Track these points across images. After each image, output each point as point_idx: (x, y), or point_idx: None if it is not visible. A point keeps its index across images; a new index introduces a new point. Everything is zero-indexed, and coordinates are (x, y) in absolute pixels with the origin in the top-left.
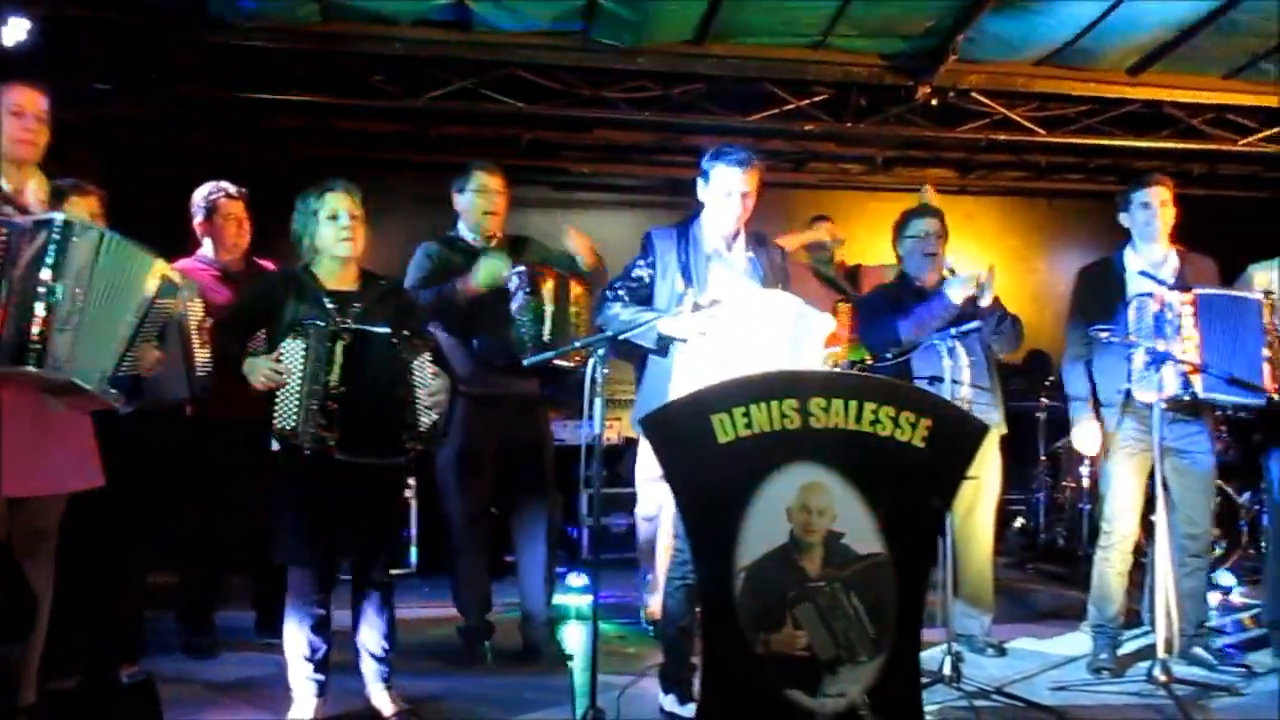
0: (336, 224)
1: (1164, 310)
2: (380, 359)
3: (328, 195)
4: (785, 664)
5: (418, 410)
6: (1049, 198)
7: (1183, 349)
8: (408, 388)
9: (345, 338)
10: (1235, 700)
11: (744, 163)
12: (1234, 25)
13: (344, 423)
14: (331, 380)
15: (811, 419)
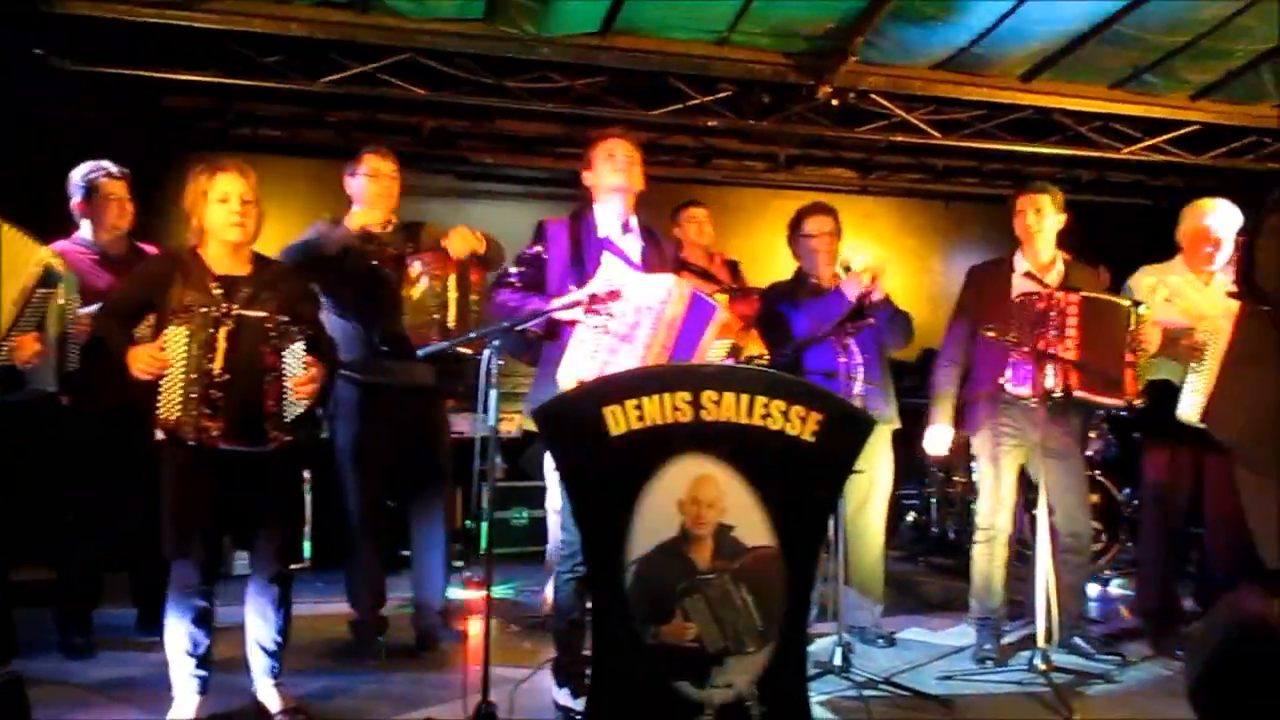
0: (227, 207)
1: (1049, 309)
2: (254, 346)
3: (219, 177)
4: (674, 655)
5: (284, 400)
6: (946, 200)
7: (1064, 348)
8: (278, 376)
9: (229, 323)
10: (1110, 687)
11: (623, 133)
12: (1119, 37)
13: (228, 411)
14: (215, 368)
15: (703, 412)
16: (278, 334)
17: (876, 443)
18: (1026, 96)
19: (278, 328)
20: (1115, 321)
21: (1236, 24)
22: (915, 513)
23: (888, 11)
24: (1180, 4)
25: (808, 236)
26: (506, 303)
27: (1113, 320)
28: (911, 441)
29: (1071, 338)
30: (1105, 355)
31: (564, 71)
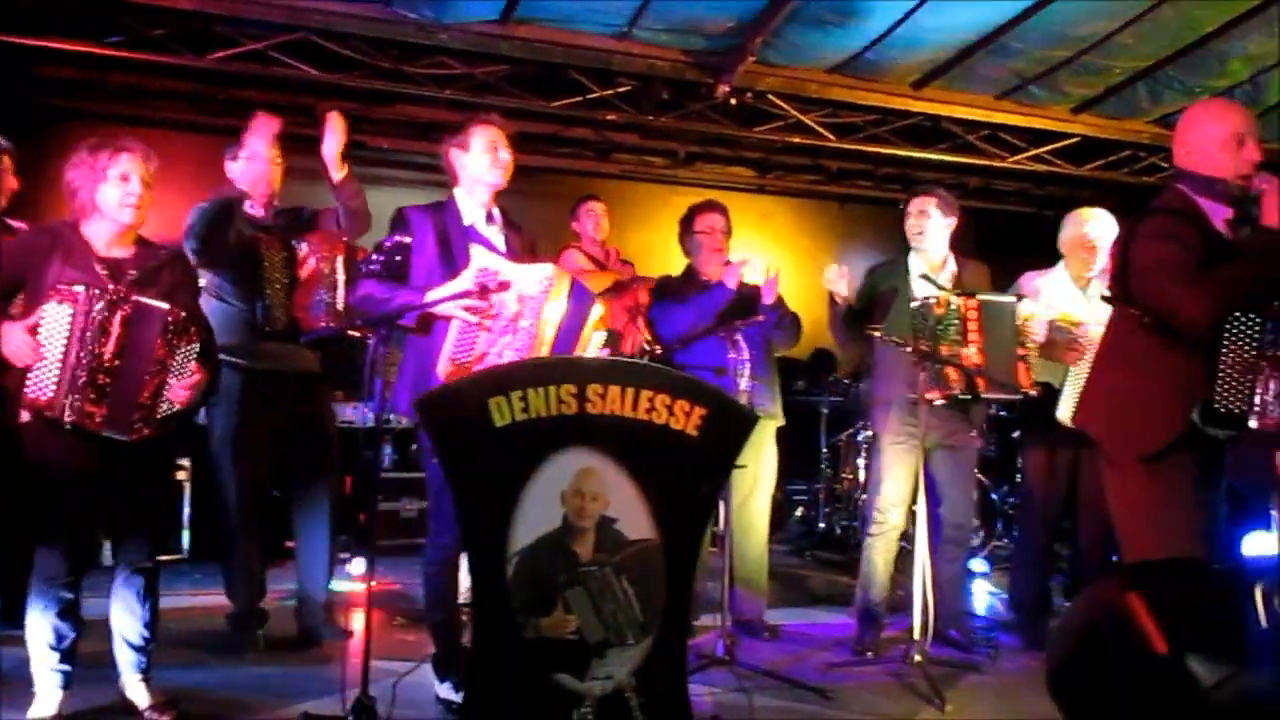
0: (126, 187)
1: (948, 314)
2: (149, 336)
3: (124, 156)
4: (554, 648)
5: (160, 397)
6: (840, 201)
7: (967, 350)
8: (163, 371)
9: (126, 308)
10: (982, 678)
11: (497, 120)
12: (1006, 50)
13: (113, 398)
14: (107, 353)
15: (588, 405)
16: (176, 329)
17: (761, 438)
18: (917, 104)
19: (178, 323)
20: (1006, 319)
21: (1115, 42)
22: (804, 508)
23: (786, 14)
24: (1062, 20)
25: (698, 233)
26: (373, 295)
27: (1004, 318)
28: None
29: (974, 341)
30: (1001, 352)
31: (463, 59)
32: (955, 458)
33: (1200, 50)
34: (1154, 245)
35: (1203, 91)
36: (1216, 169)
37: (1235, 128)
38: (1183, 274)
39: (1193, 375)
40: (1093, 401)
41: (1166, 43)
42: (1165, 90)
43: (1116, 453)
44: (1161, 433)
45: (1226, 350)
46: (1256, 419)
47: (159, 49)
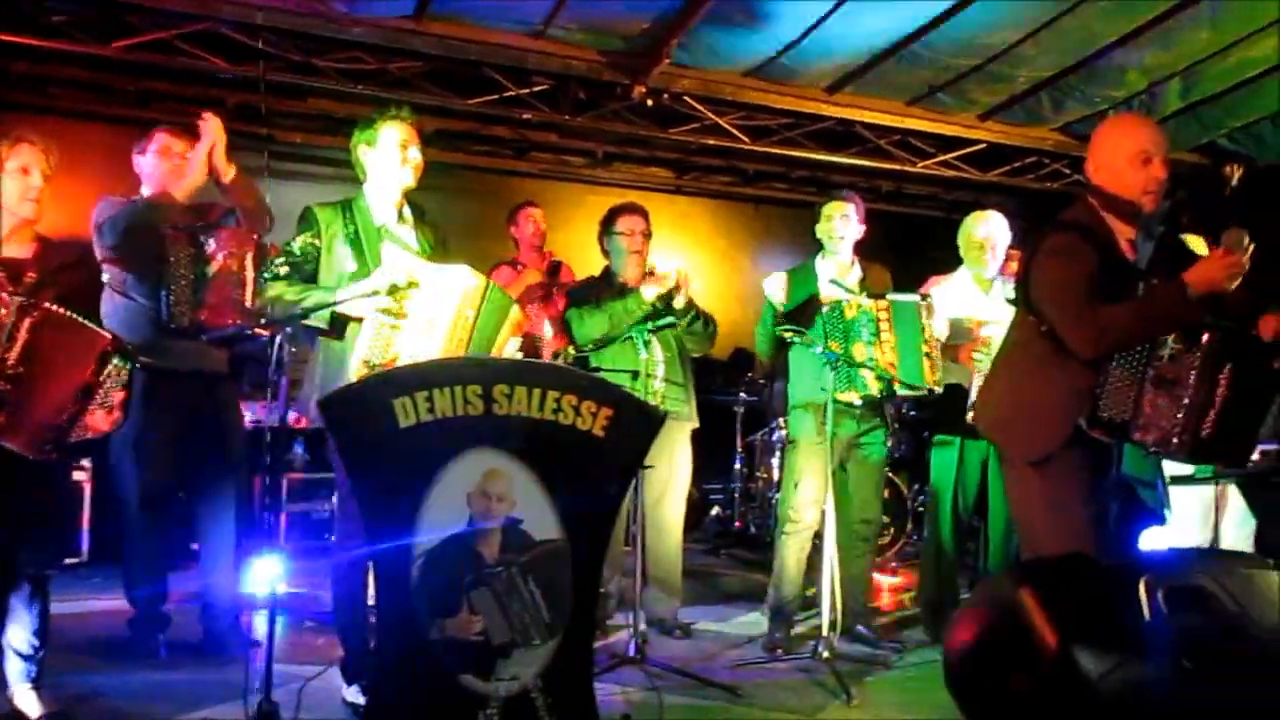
0: (27, 180)
1: (860, 316)
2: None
3: (23, 147)
4: (459, 649)
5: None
6: (756, 203)
7: (881, 351)
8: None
9: (36, 314)
10: (889, 673)
11: (407, 117)
12: (915, 58)
13: (14, 407)
14: (10, 357)
15: (495, 405)
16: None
17: (675, 440)
18: (830, 108)
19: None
20: (914, 318)
21: (1019, 52)
22: (719, 507)
23: (700, 17)
24: (968, 30)
25: (618, 235)
26: (283, 296)
27: (911, 318)
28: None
29: (888, 341)
30: (910, 351)
31: (376, 54)
32: (864, 458)
33: (1100, 61)
34: (1055, 264)
35: (1103, 101)
36: (1123, 186)
37: (1141, 145)
38: (1076, 303)
39: (1082, 384)
40: (989, 402)
41: (1068, 54)
42: (1067, 99)
43: (1011, 452)
44: (1051, 435)
45: (1116, 365)
46: (1139, 431)
47: (61, 36)
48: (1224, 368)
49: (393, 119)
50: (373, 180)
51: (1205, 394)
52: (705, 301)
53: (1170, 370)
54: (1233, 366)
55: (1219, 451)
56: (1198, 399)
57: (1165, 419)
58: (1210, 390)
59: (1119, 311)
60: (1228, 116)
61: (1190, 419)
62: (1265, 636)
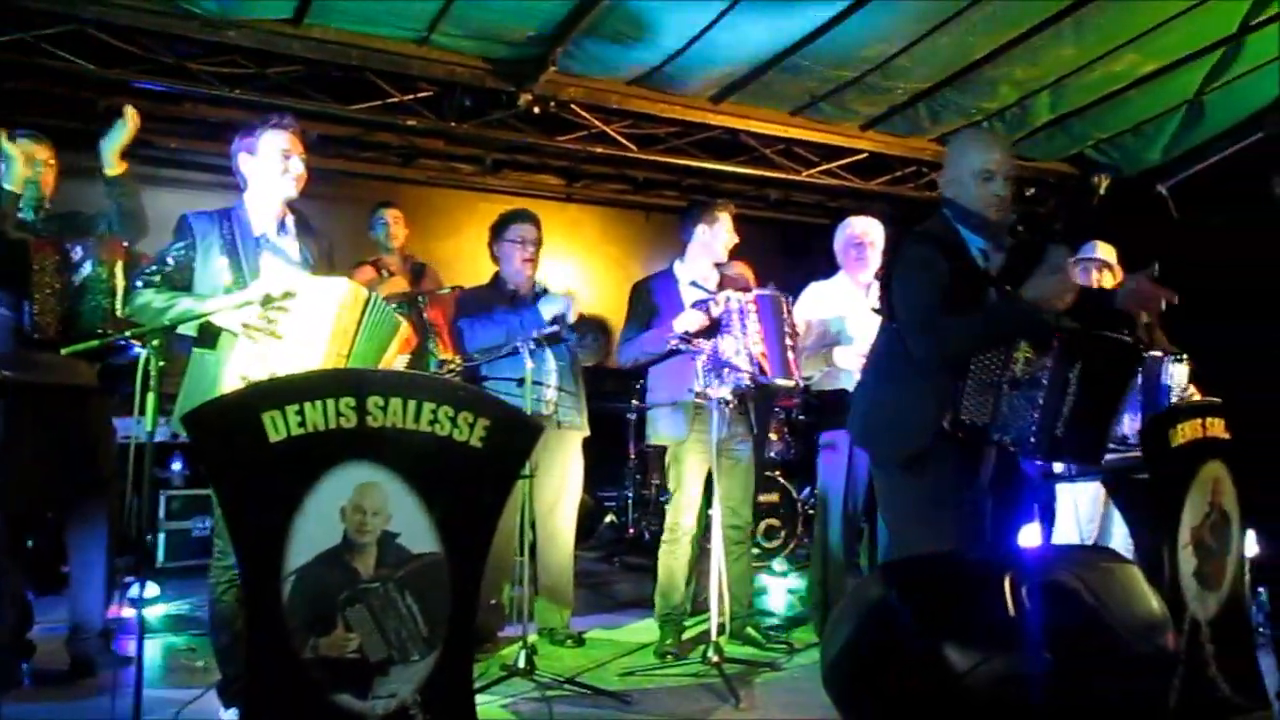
0: None
1: (728, 311)
2: None
3: None
4: (335, 668)
5: None
6: (646, 211)
7: (750, 343)
8: None
9: None
10: (778, 674)
11: (290, 125)
12: (797, 68)
13: None
14: None
15: (369, 418)
16: None
17: (567, 448)
18: (716, 117)
19: None
20: (777, 313)
21: (896, 64)
22: (613, 514)
23: (584, 26)
24: (847, 43)
25: (510, 242)
26: (151, 304)
27: (775, 312)
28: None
29: (756, 333)
30: (775, 342)
31: (254, 58)
32: (738, 457)
33: (973, 74)
34: (909, 274)
35: (978, 113)
36: (969, 200)
37: (983, 163)
38: (924, 313)
39: (943, 388)
40: (857, 406)
41: (942, 67)
42: (943, 111)
43: (878, 456)
44: (914, 439)
45: (974, 371)
46: (998, 433)
47: None
48: (1074, 368)
49: (276, 127)
50: (253, 189)
51: (1058, 394)
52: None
53: (1025, 372)
54: (1083, 367)
55: (1074, 449)
56: (1051, 399)
57: (1022, 419)
58: (1062, 390)
59: (961, 325)
60: (1094, 128)
61: (1045, 418)
62: (1122, 628)
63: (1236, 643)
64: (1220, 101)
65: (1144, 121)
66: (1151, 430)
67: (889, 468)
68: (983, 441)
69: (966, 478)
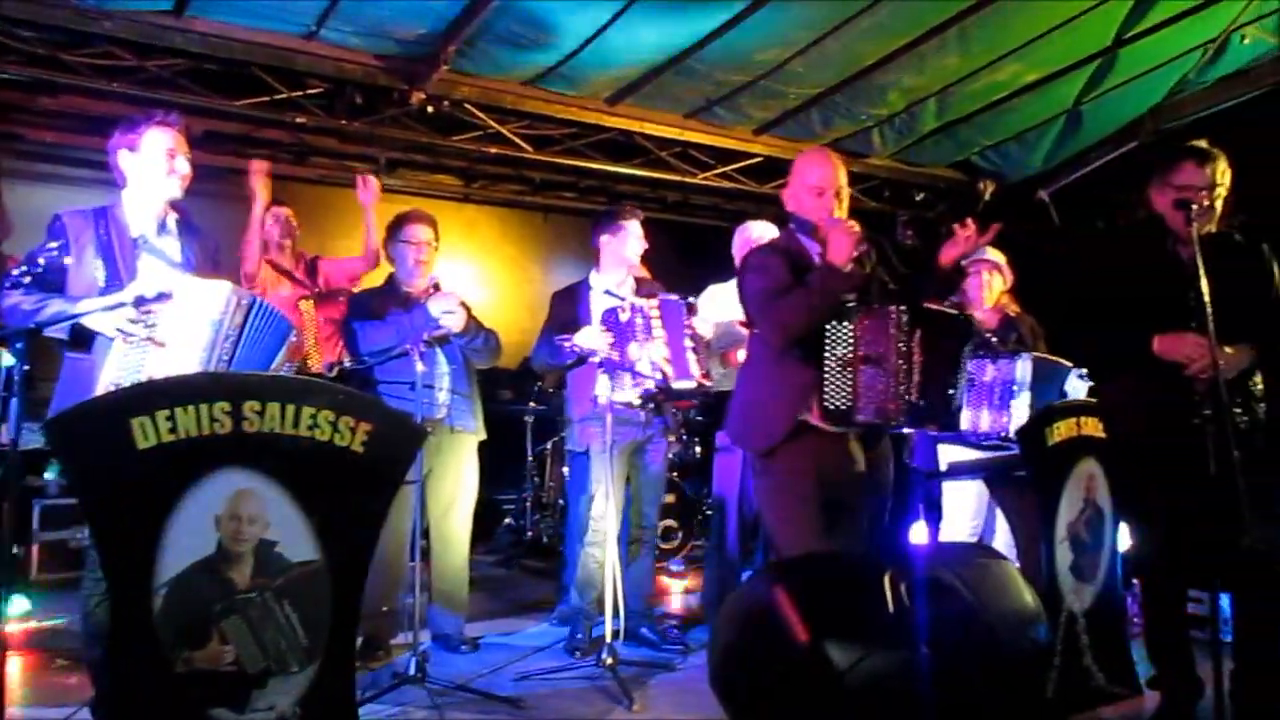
0: None
1: (634, 317)
2: None
3: None
4: (209, 681)
5: None
6: (544, 212)
7: (655, 349)
8: None
9: None
10: (672, 675)
11: (175, 123)
12: (691, 72)
13: None
14: None
15: (245, 423)
16: None
17: (461, 452)
18: (611, 119)
19: None
20: (679, 317)
21: (788, 69)
22: (512, 517)
23: (476, 26)
24: (740, 47)
25: (403, 244)
26: (19, 307)
27: (677, 316)
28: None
29: (659, 337)
30: (678, 348)
31: (134, 50)
32: (646, 459)
33: (863, 81)
34: (752, 277)
35: (868, 119)
36: (807, 212)
37: (817, 180)
38: (765, 304)
39: (804, 380)
40: (730, 405)
41: (833, 73)
42: (834, 116)
43: (745, 449)
44: (774, 430)
45: (828, 355)
46: (860, 413)
47: None
48: (915, 335)
49: (160, 124)
50: (132, 187)
51: (905, 361)
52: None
53: (872, 349)
54: (922, 333)
55: (928, 412)
56: (900, 367)
57: (878, 393)
58: (908, 357)
59: (790, 299)
60: (979, 136)
61: (900, 386)
62: (997, 622)
63: (1110, 633)
64: (1097, 111)
65: (1026, 130)
66: (1028, 430)
67: (753, 461)
68: (849, 425)
69: (825, 467)
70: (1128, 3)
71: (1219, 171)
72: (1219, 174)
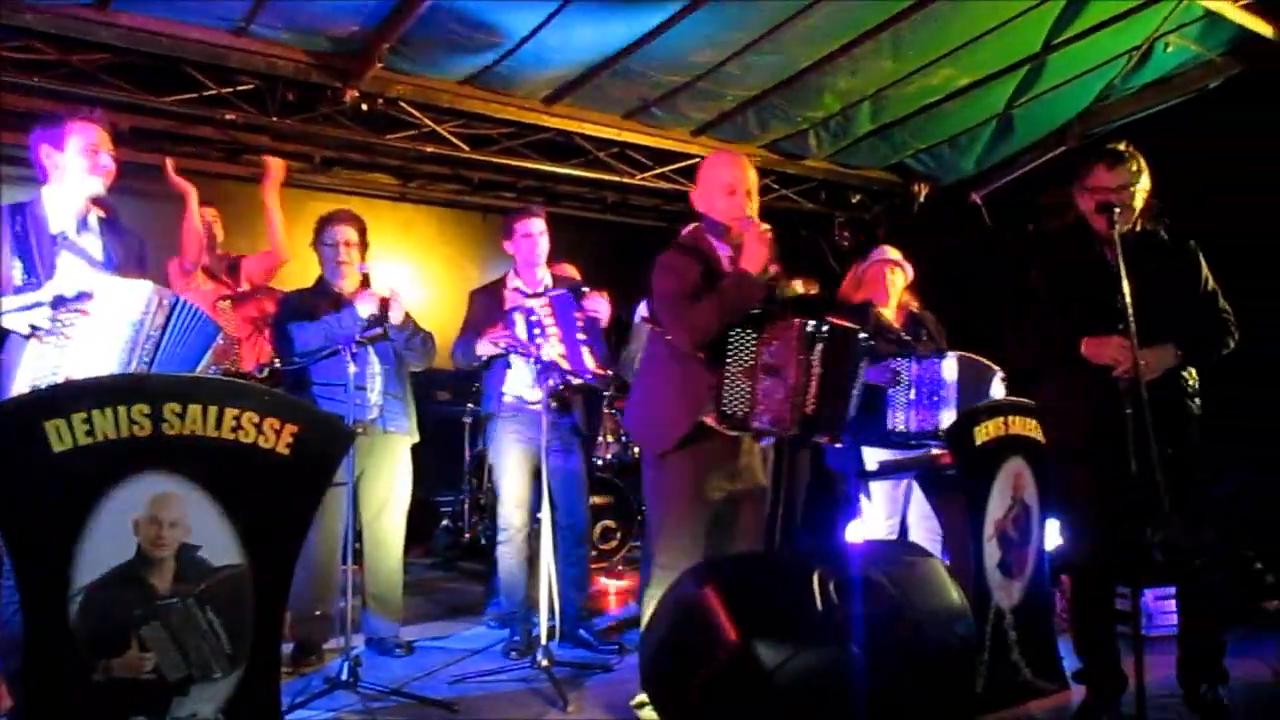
0: None
1: (530, 316)
2: None
3: None
4: (128, 690)
5: None
6: (483, 212)
7: (551, 346)
8: None
9: None
10: (607, 676)
11: (100, 119)
12: (628, 72)
13: None
14: None
15: (165, 425)
16: None
17: (394, 453)
18: (550, 119)
19: None
20: (569, 310)
21: (725, 71)
22: (450, 519)
23: (411, 23)
24: (676, 49)
25: (326, 245)
26: None
27: (567, 310)
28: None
29: (554, 334)
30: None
31: (56, 44)
32: (566, 458)
33: (798, 84)
34: (662, 276)
35: (804, 121)
36: (718, 213)
37: (728, 179)
38: (676, 307)
39: (704, 383)
40: (629, 401)
41: (769, 75)
42: (771, 118)
43: (642, 448)
44: (671, 432)
45: (730, 361)
46: (757, 419)
47: None
48: (815, 349)
49: (85, 119)
50: (54, 183)
51: (804, 374)
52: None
53: (774, 359)
54: (823, 347)
55: (822, 424)
56: (799, 379)
57: (775, 402)
58: (807, 370)
59: (700, 304)
60: (913, 139)
61: (796, 397)
62: (924, 620)
63: (1038, 629)
64: (1027, 116)
65: (959, 133)
66: (956, 429)
67: (649, 459)
68: (744, 430)
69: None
70: (1056, 9)
71: (1130, 172)
72: (1131, 175)
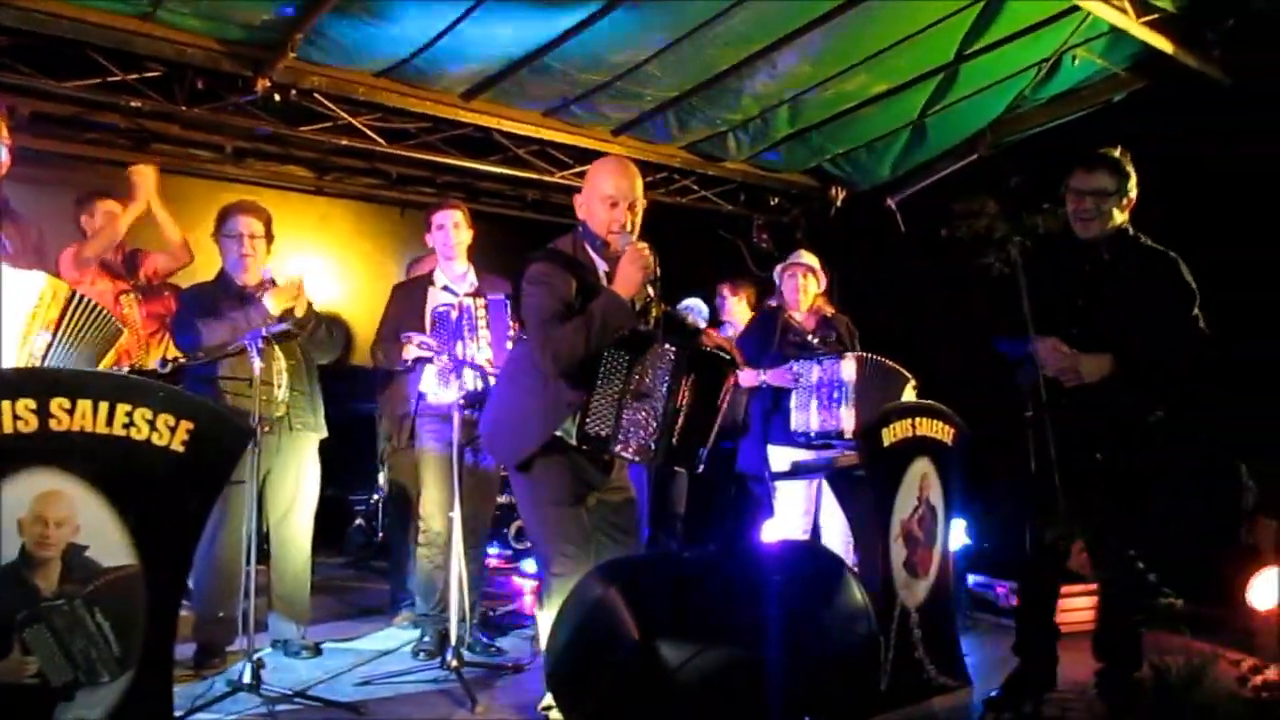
0: None
1: (464, 315)
2: None
3: None
4: (9, 695)
5: None
6: (401, 207)
7: (478, 347)
8: None
9: None
10: (518, 676)
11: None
12: (548, 70)
13: None
14: None
15: (52, 421)
16: None
17: (301, 451)
18: (468, 115)
19: None
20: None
21: (644, 71)
22: (363, 519)
23: (328, 10)
24: (595, 47)
25: (227, 237)
26: None
27: (503, 316)
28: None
29: (484, 336)
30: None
31: None
32: (475, 462)
33: (718, 86)
34: (533, 290)
35: (723, 123)
36: (596, 223)
37: (610, 190)
38: (544, 327)
39: (568, 399)
40: (486, 409)
41: (689, 76)
42: (691, 119)
43: (499, 458)
44: (527, 445)
45: (600, 384)
46: (619, 445)
47: None
48: (688, 378)
49: None
50: None
51: (674, 403)
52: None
53: (644, 385)
54: (694, 377)
55: (683, 456)
56: (669, 408)
57: (643, 429)
58: (677, 399)
59: (568, 328)
60: (830, 143)
61: (664, 426)
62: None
63: (942, 627)
64: (941, 123)
65: (875, 139)
66: (866, 430)
67: (511, 470)
68: (603, 453)
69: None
70: (968, 20)
71: (1104, 179)
72: (1105, 182)
